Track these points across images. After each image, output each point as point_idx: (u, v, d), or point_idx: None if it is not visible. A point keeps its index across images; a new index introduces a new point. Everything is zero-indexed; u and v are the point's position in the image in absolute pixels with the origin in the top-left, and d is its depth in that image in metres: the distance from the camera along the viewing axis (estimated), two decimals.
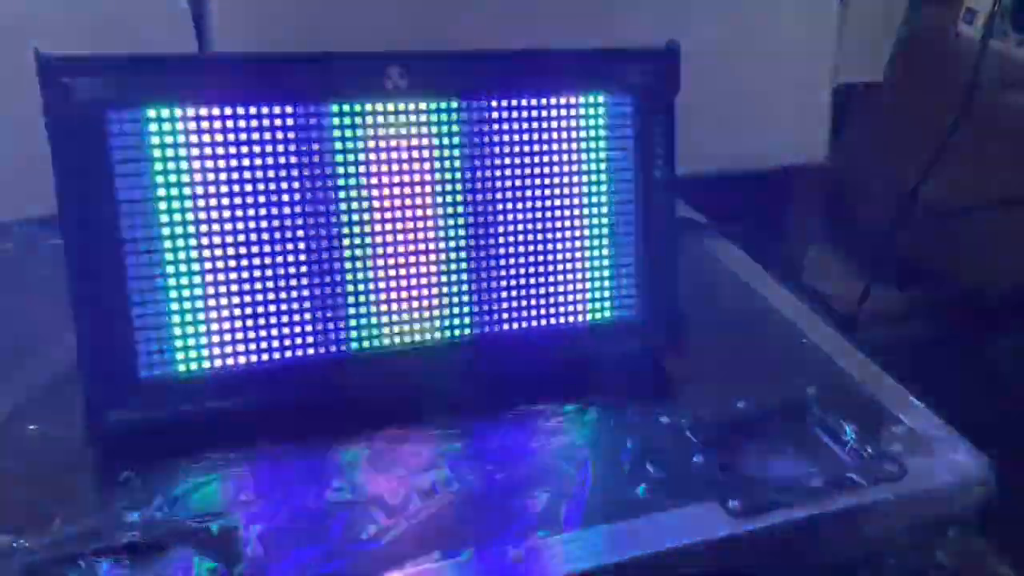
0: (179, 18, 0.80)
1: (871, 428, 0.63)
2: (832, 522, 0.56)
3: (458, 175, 0.63)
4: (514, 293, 0.66)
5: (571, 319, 0.68)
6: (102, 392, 0.56)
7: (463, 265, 0.64)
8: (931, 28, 1.13)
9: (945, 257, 1.16)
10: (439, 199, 0.63)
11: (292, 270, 0.60)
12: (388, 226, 0.62)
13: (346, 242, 0.61)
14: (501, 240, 0.65)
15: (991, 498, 0.59)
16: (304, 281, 0.60)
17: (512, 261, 0.66)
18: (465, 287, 0.65)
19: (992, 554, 0.66)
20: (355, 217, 0.61)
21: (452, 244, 0.64)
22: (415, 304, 0.63)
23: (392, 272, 0.62)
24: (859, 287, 1.12)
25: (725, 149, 1.01)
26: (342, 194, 0.60)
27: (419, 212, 0.63)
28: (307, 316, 0.61)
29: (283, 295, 0.60)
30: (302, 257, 0.60)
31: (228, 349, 0.59)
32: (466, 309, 0.65)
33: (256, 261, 0.59)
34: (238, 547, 0.50)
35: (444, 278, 0.64)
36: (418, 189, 0.62)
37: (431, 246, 0.63)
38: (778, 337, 0.77)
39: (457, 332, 0.65)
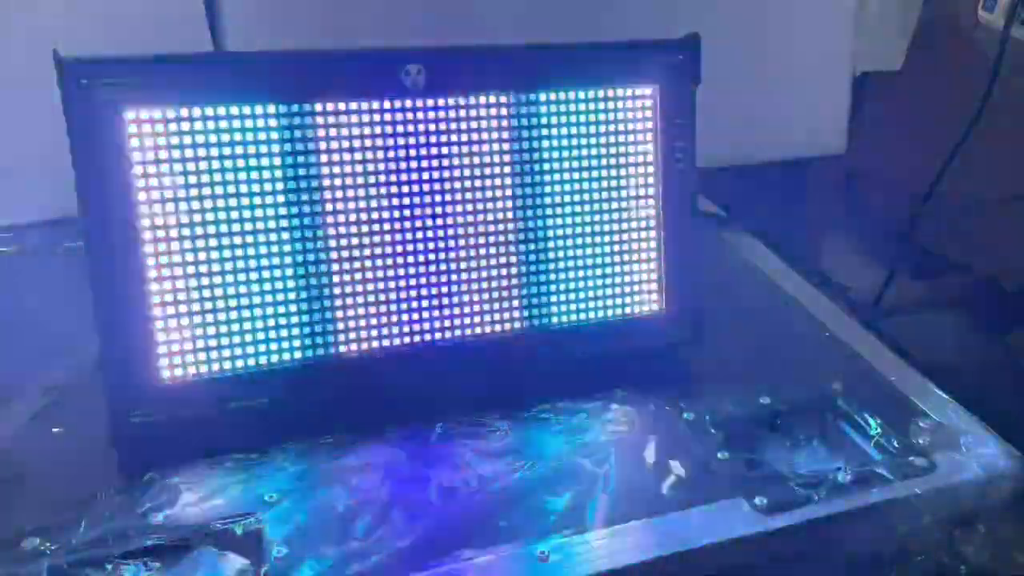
0: (193, 17, 0.80)
1: (898, 422, 0.62)
2: (860, 518, 0.55)
3: (476, 172, 0.63)
4: (534, 290, 0.65)
5: (593, 315, 0.67)
6: (125, 393, 0.56)
7: (482, 263, 0.64)
8: (951, 15, 1.11)
9: (964, 248, 1.14)
10: (456, 196, 0.63)
11: (312, 269, 0.60)
12: (407, 224, 0.62)
13: (366, 240, 0.61)
14: (520, 237, 0.65)
15: (1021, 493, 0.59)
16: (326, 280, 0.60)
17: (531, 258, 0.65)
18: (485, 284, 0.64)
19: (1021, 550, 0.65)
20: (374, 216, 0.61)
21: (471, 241, 0.63)
22: (435, 303, 0.63)
23: (412, 271, 0.62)
24: (876, 278, 1.11)
25: (742, 141, 1.00)
26: (362, 192, 0.60)
27: (437, 210, 0.62)
28: (329, 315, 0.60)
29: (304, 294, 0.60)
30: (323, 256, 0.60)
31: (250, 349, 0.59)
32: (486, 307, 0.64)
33: (276, 260, 0.59)
34: (263, 548, 0.50)
35: (455, 276, 0.63)
36: (437, 187, 0.62)
37: (451, 243, 0.63)
38: (801, 330, 0.77)
39: (478, 330, 0.64)
